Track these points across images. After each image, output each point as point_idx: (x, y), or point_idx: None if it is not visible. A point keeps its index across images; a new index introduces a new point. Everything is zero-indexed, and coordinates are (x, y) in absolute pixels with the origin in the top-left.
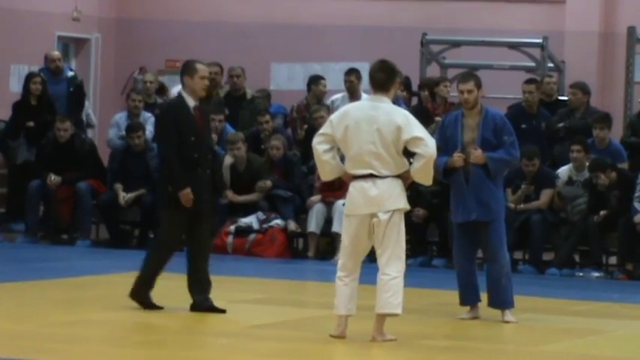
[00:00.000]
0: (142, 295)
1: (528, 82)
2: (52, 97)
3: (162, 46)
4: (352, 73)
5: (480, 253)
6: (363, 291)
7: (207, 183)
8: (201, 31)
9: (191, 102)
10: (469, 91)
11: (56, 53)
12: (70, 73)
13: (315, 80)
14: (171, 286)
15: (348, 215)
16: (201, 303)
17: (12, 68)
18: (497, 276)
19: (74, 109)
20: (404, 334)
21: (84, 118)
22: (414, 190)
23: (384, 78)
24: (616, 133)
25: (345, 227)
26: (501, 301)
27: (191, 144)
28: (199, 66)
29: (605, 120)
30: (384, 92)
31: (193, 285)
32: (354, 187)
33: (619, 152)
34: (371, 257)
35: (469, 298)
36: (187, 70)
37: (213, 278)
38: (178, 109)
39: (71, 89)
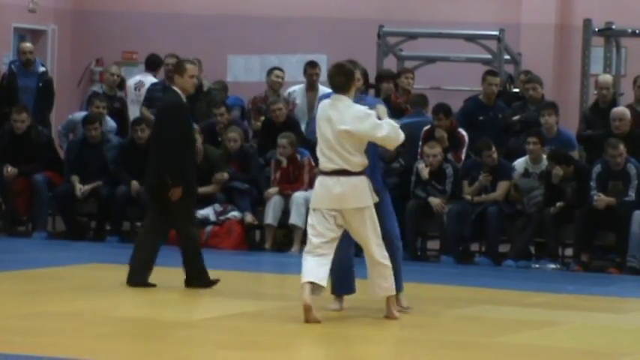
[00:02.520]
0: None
1: (492, 74)
2: (17, 89)
3: (119, 37)
4: (316, 66)
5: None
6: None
7: None
8: (158, 22)
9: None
10: None
11: (28, 45)
12: (42, 69)
13: (269, 71)
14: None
15: (313, 209)
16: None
17: None
18: None
19: (42, 105)
20: (361, 325)
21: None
22: None
23: (343, 81)
24: (572, 124)
25: (310, 217)
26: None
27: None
28: (189, 65)
29: (552, 107)
30: (344, 93)
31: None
32: (319, 182)
33: (569, 140)
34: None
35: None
36: (178, 69)
37: (170, 270)
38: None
39: (40, 84)
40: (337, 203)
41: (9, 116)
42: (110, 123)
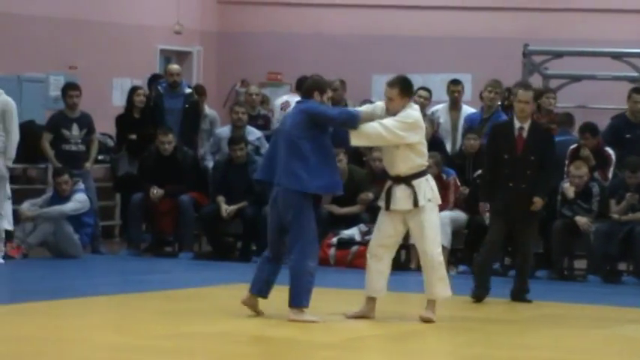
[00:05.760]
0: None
1: (638, 91)
2: (164, 110)
3: (263, 58)
4: (459, 84)
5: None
6: None
7: None
8: (302, 43)
9: (517, 123)
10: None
11: (175, 67)
12: (188, 90)
13: (415, 91)
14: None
15: None
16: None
17: (114, 82)
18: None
19: (187, 126)
20: (508, 346)
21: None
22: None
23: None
24: None
25: None
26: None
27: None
28: (519, 91)
29: None
30: None
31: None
32: None
33: None
34: None
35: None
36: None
37: (314, 289)
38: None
39: (186, 105)
40: None
41: (155, 138)
42: (252, 131)
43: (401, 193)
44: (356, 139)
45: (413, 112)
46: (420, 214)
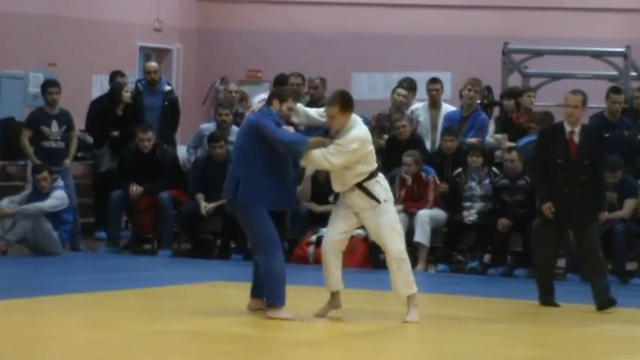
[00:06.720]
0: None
1: (615, 91)
2: (143, 107)
3: (243, 56)
4: (437, 82)
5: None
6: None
7: None
8: (282, 41)
9: (567, 127)
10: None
11: (153, 65)
12: (167, 88)
13: (394, 89)
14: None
15: None
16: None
17: (94, 79)
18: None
19: (167, 123)
20: (486, 345)
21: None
22: (499, 201)
23: None
24: None
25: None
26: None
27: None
28: (568, 96)
29: None
30: None
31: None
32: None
33: None
34: None
35: None
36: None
37: (294, 288)
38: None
39: (166, 103)
40: None
41: (135, 135)
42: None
43: (355, 196)
44: (304, 163)
45: (356, 131)
46: (376, 214)
